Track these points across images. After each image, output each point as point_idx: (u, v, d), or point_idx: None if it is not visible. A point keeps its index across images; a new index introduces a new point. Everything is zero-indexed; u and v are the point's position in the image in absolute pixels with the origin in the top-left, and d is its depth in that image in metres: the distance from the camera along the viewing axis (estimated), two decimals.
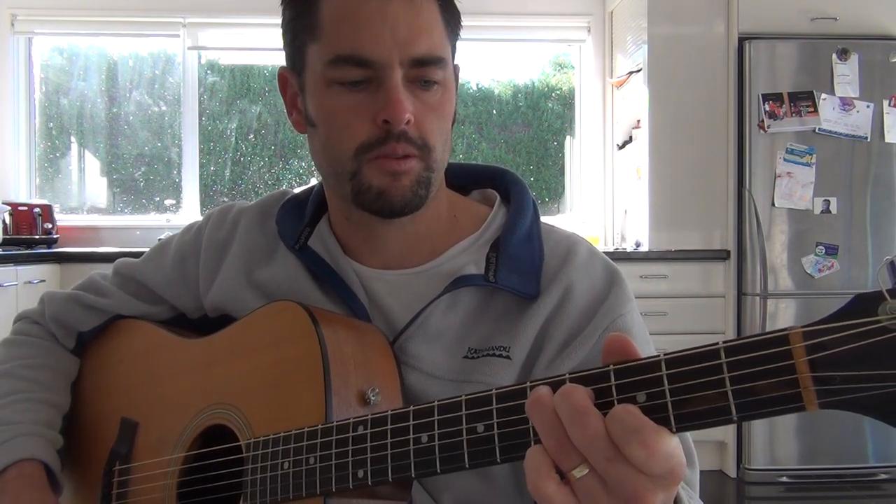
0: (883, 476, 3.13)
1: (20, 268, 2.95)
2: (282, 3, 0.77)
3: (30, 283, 2.95)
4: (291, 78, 0.79)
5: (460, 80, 0.85)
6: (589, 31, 4.02)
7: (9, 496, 0.78)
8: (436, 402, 0.56)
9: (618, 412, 0.44)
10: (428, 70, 0.71)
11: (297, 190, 0.92)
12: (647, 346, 0.77)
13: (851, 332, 0.40)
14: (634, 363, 0.47)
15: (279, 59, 0.80)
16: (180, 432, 0.79)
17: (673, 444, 0.44)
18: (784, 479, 3.13)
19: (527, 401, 0.48)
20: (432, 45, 0.71)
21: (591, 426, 0.45)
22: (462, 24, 0.77)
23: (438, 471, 0.55)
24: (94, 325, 0.95)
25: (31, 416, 0.85)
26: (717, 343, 0.44)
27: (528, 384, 0.51)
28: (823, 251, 3.14)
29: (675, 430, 0.45)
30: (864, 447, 3.13)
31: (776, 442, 3.15)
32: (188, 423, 0.79)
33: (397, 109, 0.69)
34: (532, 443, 0.50)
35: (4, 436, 0.82)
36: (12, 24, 3.82)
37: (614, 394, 0.47)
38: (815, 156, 3.13)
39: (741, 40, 3.21)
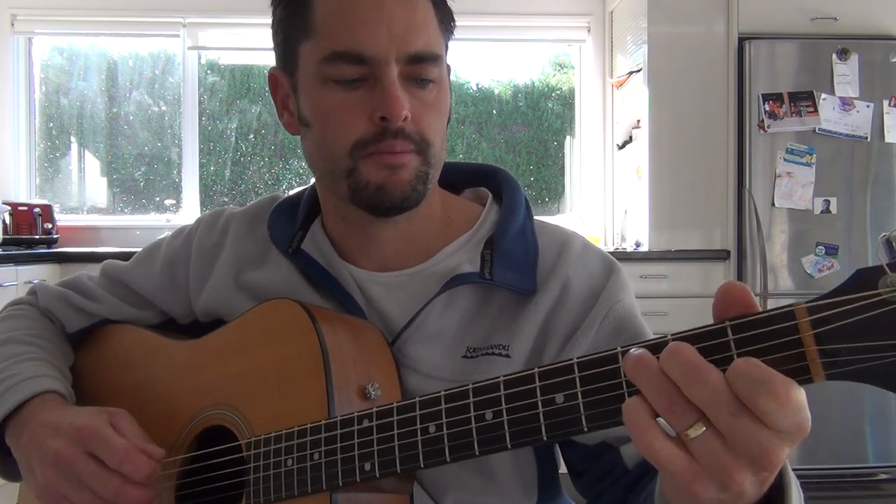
0: (883, 476, 3.13)
1: (20, 268, 2.95)
2: (272, 3, 0.77)
3: (30, 283, 2.92)
4: (283, 78, 0.78)
5: (458, 80, 0.86)
6: (589, 31, 4.02)
7: (49, 413, 0.74)
8: (442, 392, 0.56)
9: (740, 365, 0.42)
10: (424, 67, 0.71)
11: (288, 193, 0.91)
12: (644, 330, 0.77)
13: (854, 305, 0.41)
14: (647, 342, 0.47)
15: None
16: (176, 436, 0.78)
17: (802, 397, 0.43)
18: None
19: (626, 364, 0.45)
20: (428, 42, 0.71)
21: (713, 381, 0.43)
22: (455, 24, 0.77)
23: (448, 459, 0.55)
24: (80, 327, 0.93)
25: (45, 371, 0.81)
26: (724, 322, 0.45)
27: (536, 370, 0.51)
28: (823, 251, 3.14)
29: None
30: (864, 447, 3.13)
31: None
32: (184, 427, 0.77)
33: (396, 105, 0.68)
34: (543, 428, 0.50)
35: (25, 375, 0.78)
36: (12, 24, 3.82)
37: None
38: (815, 156, 3.13)
39: (741, 40, 3.21)
